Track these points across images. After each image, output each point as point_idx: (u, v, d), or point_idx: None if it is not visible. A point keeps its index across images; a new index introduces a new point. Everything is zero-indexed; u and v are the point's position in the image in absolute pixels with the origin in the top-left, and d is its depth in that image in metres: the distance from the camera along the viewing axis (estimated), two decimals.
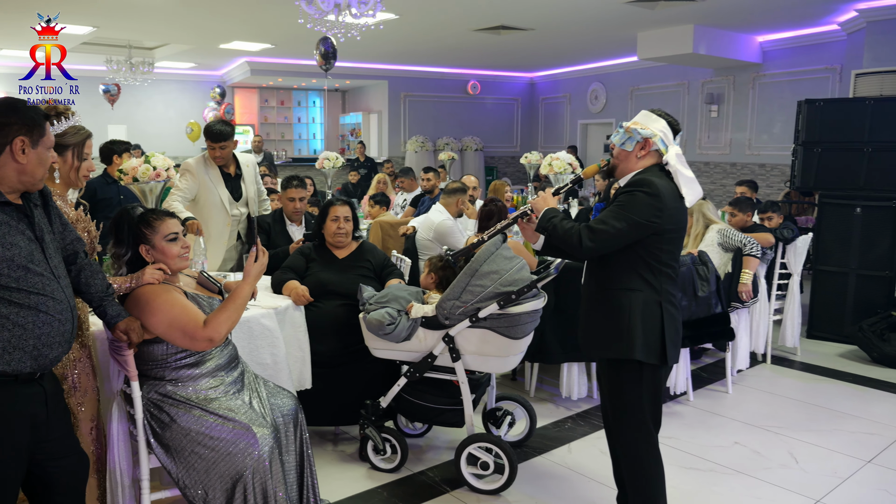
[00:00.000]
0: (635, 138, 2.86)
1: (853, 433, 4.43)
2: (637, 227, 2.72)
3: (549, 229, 2.85)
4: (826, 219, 6.50)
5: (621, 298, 2.81)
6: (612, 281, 2.85)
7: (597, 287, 2.92)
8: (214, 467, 2.65)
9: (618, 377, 2.88)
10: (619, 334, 2.80)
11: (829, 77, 10.52)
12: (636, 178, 2.81)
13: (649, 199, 2.72)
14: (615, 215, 2.74)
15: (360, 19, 6.80)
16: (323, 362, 3.93)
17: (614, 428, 2.98)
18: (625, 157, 2.90)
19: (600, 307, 2.89)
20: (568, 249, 2.83)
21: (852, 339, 6.11)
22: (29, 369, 2.18)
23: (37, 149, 2.21)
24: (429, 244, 5.67)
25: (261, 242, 2.88)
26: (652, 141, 2.86)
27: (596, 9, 9.03)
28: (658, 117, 2.91)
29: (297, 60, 13.62)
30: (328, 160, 9.13)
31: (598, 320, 2.89)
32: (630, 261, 2.79)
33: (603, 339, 2.87)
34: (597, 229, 2.73)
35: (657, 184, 2.75)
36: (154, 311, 2.66)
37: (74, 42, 11.08)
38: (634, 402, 2.85)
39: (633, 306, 2.79)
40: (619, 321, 2.80)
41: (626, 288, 2.81)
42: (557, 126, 16.30)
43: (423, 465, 3.92)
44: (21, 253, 2.15)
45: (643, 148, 2.87)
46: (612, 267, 2.83)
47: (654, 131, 2.86)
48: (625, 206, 2.74)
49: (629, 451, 2.92)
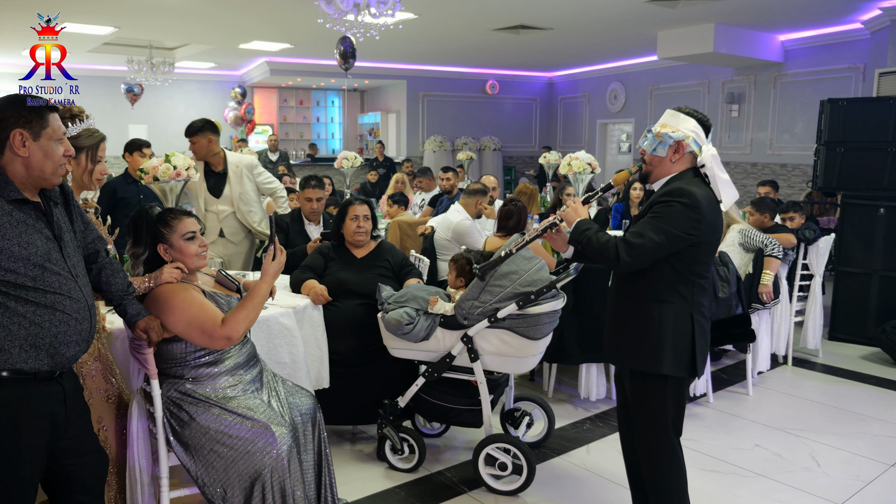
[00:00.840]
0: (667, 142, 2.76)
1: (876, 436, 4.38)
2: (675, 239, 2.63)
3: (584, 242, 2.79)
4: (849, 219, 6.42)
5: (653, 311, 2.73)
6: (643, 292, 2.77)
7: (627, 297, 2.83)
8: (233, 466, 2.66)
9: (643, 388, 2.81)
10: (650, 348, 2.73)
11: (852, 76, 10.40)
12: (673, 188, 2.71)
13: (687, 211, 2.63)
14: (653, 228, 2.64)
15: (380, 19, 6.80)
16: (341, 362, 3.94)
17: (635, 436, 2.93)
18: (658, 163, 2.81)
19: (631, 318, 2.81)
20: (604, 263, 2.75)
21: (875, 342, 6.03)
22: (47, 367, 2.19)
23: (39, 141, 2.18)
24: (447, 244, 5.67)
25: (278, 241, 2.88)
26: (685, 143, 2.76)
27: (616, 8, 8.98)
28: (687, 116, 2.81)
29: (316, 60, 13.67)
30: (347, 160, 9.15)
31: (628, 331, 2.81)
32: (664, 272, 2.71)
33: (632, 351, 2.80)
34: (634, 243, 2.64)
35: (696, 193, 2.65)
36: (173, 310, 2.67)
37: (96, 43, 11.19)
38: (658, 412, 2.79)
39: (665, 319, 2.71)
40: (650, 334, 2.73)
41: (659, 300, 2.73)
42: (576, 126, 16.24)
43: (440, 465, 3.91)
44: (38, 252, 2.15)
45: (676, 151, 2.77)
46: (645, 278, 2.74)
47: (685, 132, 2.76)
48: (662, 217, 2.65)
49: (651, 460, 2.86)
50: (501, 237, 4.87)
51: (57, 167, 2.23)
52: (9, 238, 2.10)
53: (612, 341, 2.90)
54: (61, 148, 2.24)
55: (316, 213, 5.23)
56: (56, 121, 2.24)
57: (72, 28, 9.75)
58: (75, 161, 2.76)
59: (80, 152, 2.78)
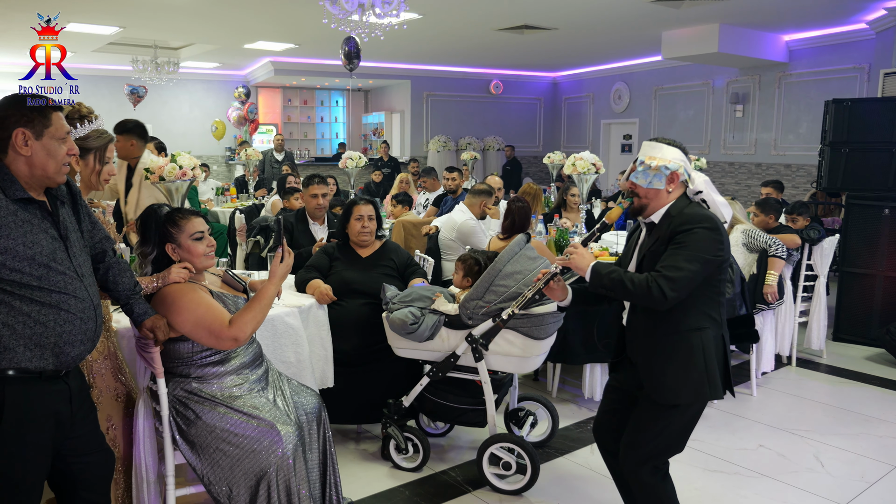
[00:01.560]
0: (664, 174, 2.74)
1: (880, 437, 4.38)
2: (708, 264, 2.62)
3: (611, 286, 2.71)
4: (853, 220, 6.41)
5: (693, 340, 2.68)
6: (680, 323, 2.70)
7: (661, 331, 2.73)
8: (239, 464, 2.67)
9: (670, 415, 2.73)
10: (697, 380, 2.67)
11: (856, 76, 10.38)
12: (688, 215, 2.68)
13: (711, 234, 2.62)
14: (685, 258, 2.59)
15: (384, 19, 6.80)
16: (346, 361, 3.95)
17: (629, 454, 2.82)
18: (654, 195, 2.77)
19: (673, 351, 2.70)
20: (642, 302, 2.67)
21: (879, 342, 6.03)
22: (52, 367, 2.19)
23: (41, 140, 2.18)
24: (451, 244, 5.67)
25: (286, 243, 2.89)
26: (679, 173, 2.76)
27: (620, 8, 8.98)
28: (668, 145, 2.80)
29: (320, 60, 13.68)
30: (351, 160, 9.17)
31: (673, 366, 2.69)
32: (696, 299, 2.67)
33: (679, 386, 2.68)
34: (674, 277, 2.57)
35: (712, 217, 2.68)
36: (180, 310, 2.68)
37: (101, 42, 11.20)
38: (675, 437, 2.76)
39: (706, 347, 2.68)
40: (696, 366, 2.66)
41: (696, 328, 2.69)
42: (580, 126, 16.23)
43: (445, 464, 3.92)
44: (43, 251, 2.16)
45: (672, 182, 2.76)
46: (679, 308, 2.66)
47: (677, 162, 2.75)
48: (689, 246, 2.61)
49: (637, 475, 2.80)
50: (504, 239, 4.88)
51: (60, 166, 2.23)
52: (14, 237, 2.10)
53: (655, 379, 2.74)
54: (64, 147, 2.24)
55: (321, 210, 5.25)
56: (59, 120, 2.24)
57: (77, 28, 9.77)
58: (83, 161, 2.77)
59: (89, 153, 2.79)
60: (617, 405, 2.99)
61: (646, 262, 2.75)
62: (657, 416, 2.75)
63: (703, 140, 12.91)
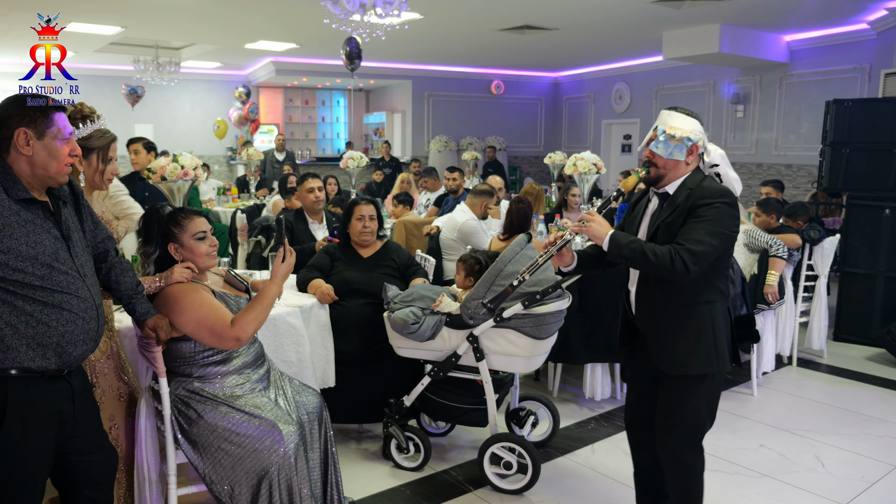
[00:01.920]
0: (685, 145, 2.72)
1: (881, 437, 4.38)
2: (727, 239, 2.66)
3: (630, 256, 2.68)
4: (854, 220, 6.42)
5: (703, 313, 2.72)
6: (692, 296, 2.71)
7: (671, 302, 2.75)
8: (240, 463, 2.68)
9: (688, 389, 2.77)
10: (706, 351, 2.71)
11: (857, 77, 10.37)
12: (710, 189, 2.67)
13: (731, 210, 2.65)
14: (708, 231, 2.59)
15: (385, 19, 6.81)
16: (347, 361, 3.96)
17: (667, 438, 2.85)
18: (673, 166, 2.75)
19: (682, 324, 2.74)
20: (663, 274, 2.65)
21: (880, 342, 6.03)
22: (54, 366, 2.20)
23: (43, 140, 2.18)
24: (452, 244, 5.68)
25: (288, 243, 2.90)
26: (698, 145, 2.75)
27: (621, 8, 8.98)
28: (687, 116, 2.77)
29: (321, 60, 13.68)
30: (352, 159, 9.17)
31: (683, 338, 2.73)
32: (706, 273, 2.67)
33: (690, 357, 2.72)
34: (698, 251, 2.57)
35: (730, 192, 2.69)
36: (182, 310, 2.69)
37: (102, 42, 11.21)
38: (700, 410, 2.79)
39: (715, 319, 2.72)
40: (707, 337, 2.71)
41: (707, 301, 2.72)
42: (581, 126, 16.23)
43: (446, 464, 3.93)
44: (45, 251, 2.16)
45: (691, 153, 2.74)
46: (692, 280, 2.65)
47: (698, 135, 2.74)
48: (714, 220, 2.62)
49: (678, 460, 2.85)
50: (504, 239, 4.89)
51: (62, 166, 2.23)
52: (16, 237, 2.11)
53: (664, 350, 2.77)
54: (67, 147, 2.24)
55: (319, 204, 5.27)
56: (62, 120, 2.24)
57: (78, 28, 9.78)
58: (86, 161, 2.77)
59: (91, 153, 2.80)
60: (642, 394, 3.00)
61: (660, 233, 2.74)
62: (679, 394, 2.79)
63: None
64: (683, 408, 2.79)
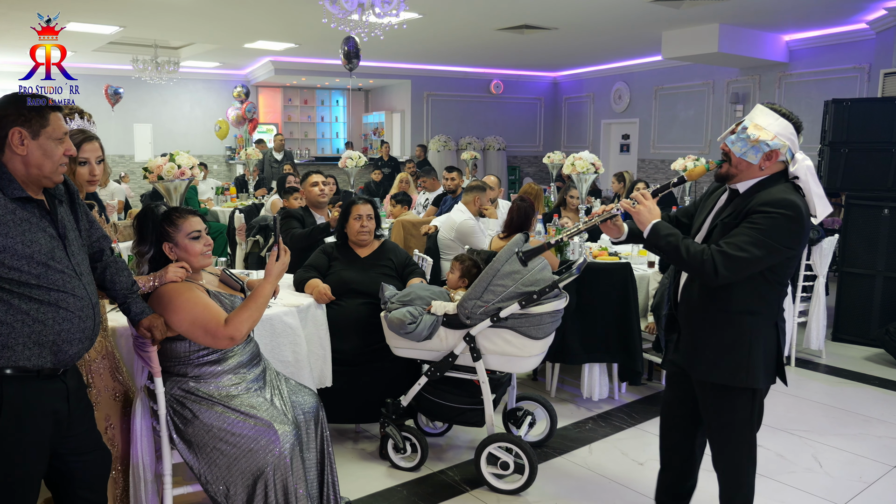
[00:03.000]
0: (762, 150, 2.56)
1: (879, 437, 4.38)
2: (776, 253, 2.49)
3: (667, 249, 2.63)
4: (853, 220, 6.41)
5: (743, 323, 2.62)
6: (735, 303, 2.62)
7: (711, 305, 2.67)
8: (236, 463, 2.68)
9: (729, 402, 2.69)
10: (740, 362, 2.61)
11: (856, 76, 10.38)
12: (776, 198, 2.51)
13: (791, 224, 2.48)
14: (753, 241, 2.47)
15: (384, 19, 6.81)
16: (344, 360, 3.95)
17: (716, 449, 2.81)
18: (745, 168, 2.61)
19: (719, 329, 2.65)
20: (693, 273, 2.62)
21: (878, 343, 6.02)
22: (50, 365, 2.20)
23: (38, 140, 2.18)
24: (451, 243, 5.68)
25: (283, 237, 2.89)
26: (779, 152, 2.57)
27: (620, 8, 8.98)
28: (780, 116, 2.59)
29: (320, 60, 13.69)
30: (351, 159, 9.17)
31: (716, 344, 2.66)
32: (756, 283, 2.57)
33: (719, 365, 2.65)
34: (734, 257, 2.47)
35: (800, 206, 2.50)
36: (176, 310, 2.68)
37: (101, 42, 11.21)
38: (746, 425, 2.71)
39: (755, 332, 2.61)
40: (740, 348, 2.61)
41: (748, 311, 2.61)
42: (581, 126, 16.23)
43: (443, 464, 3.92)
44: (41, 250, 2.16)
45: (768, 159, 2.57)
46: (738, 288, 2.59)
47: (782, 141, 2.55)
48: (765, 231, 2.47)
49: (736, 473, 2.79)
50: (504, 238, 4.88)
51: (57, 166, 2.23)
52: (12, 236, 2.11)
53: (694, 353, 2.73)
54: (61, 147, 2.24)
55: (324, 197, 5.36)
56: (57, 120, 2.24)
57: (77, 27, 9.78)
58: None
59: None
60: (678, 392, 2.95)
61: (716, 231, 2.65)
62: (714, 404, 2.72)
63: (704, 140, 12.91)
64: (728, 421, 2.72)
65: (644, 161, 14.24)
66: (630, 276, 4.60)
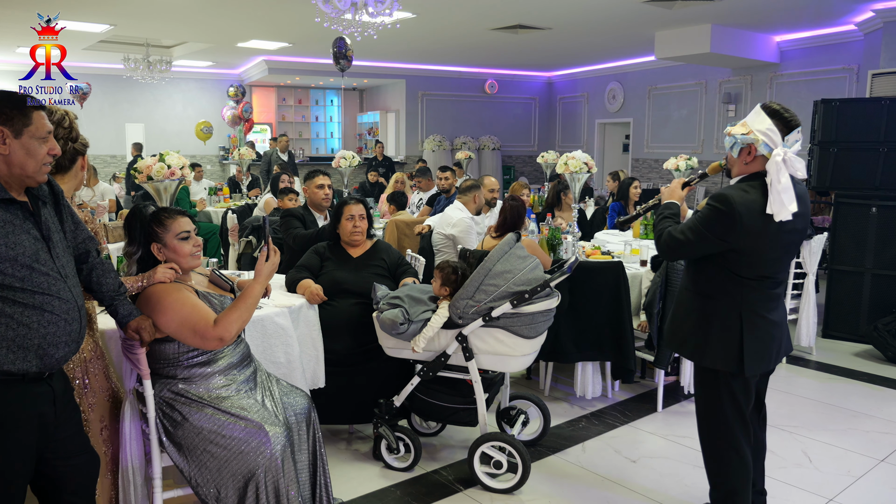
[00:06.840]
0: (739, 144, 2.80)
1: (867, 432, 4.41)
2: (705, 240, 2.77)
3: (657, 220, 3.01)
4: (842, 218, 6.45)
5: (699, 303, 2.93)
6: (695, 284, 2.96)
7: (686, 288, 3.02)
8: (227, 466, 2.67)
9: (700, 379, 3.01)
10: (693, 337, 2.94)
11: (846, 77, 10.44)
12: (719, 192, 2.78)
13: (719, 216, 2.72)
14: (691, 227, 2.80)
15: (377, 18, 6.82)
16: (337, 361, 3.95)
17: (698, 425, 3.09)
18: (733, 163, 2.88)
19: (688, 310, 2.99)
20: (655, 245, 2.99)
21: (867, 339, 6.07)
22: (35, 369, 2.15)
23: (20, 139, 2.13)
24: (444, 242, 5.69)
25: (272, 242, 2.89)
26: (755, 147, 2.76)
27: (613, 8, 9.01)
28: (766, 115, 2.77)
29: (314, 59, 13.67)
30: (345, 159, 9.18)
31: (686, 323, 2.99)
32: (709, 270, 2.87)
33: (679, 337, 3.03)
34: (675, 238, 2.84)
35: (733, 200, 2.70)
36: (165, 310, 2.66)
37: (92, 40, 11.17)
38: (714, 405, 2.95)
39: (710, 313, 2.88)
40: (694, 324, 2.93)
41: (705, 294, 2.91)
42: (575, 125, 16.26)
43: (436, 463, 3.93)
44: (25, 252, 2.12)
45: (749, 153, 2.79)
46: (699, 273, 2.93)
47: (756, 135, 2.74)
48: (700, 220, 2.79)
49: (709, 452, 3.04)
50: (497, 237, 4.89)
51: (40, 166, 2.19)
52: None
53: (671, 331, 3.12)
54: (45, 146, 2.19)
55: (328, 200, 5.34)
56: (41, 119, 2.20)
57: (67, 25, 9.73)
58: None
59: None
60: None
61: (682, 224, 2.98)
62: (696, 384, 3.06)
63: (696, 139, 12.95)
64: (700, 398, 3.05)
65: (638, 160, 14.28)
66: (622, 275, 4.62)
